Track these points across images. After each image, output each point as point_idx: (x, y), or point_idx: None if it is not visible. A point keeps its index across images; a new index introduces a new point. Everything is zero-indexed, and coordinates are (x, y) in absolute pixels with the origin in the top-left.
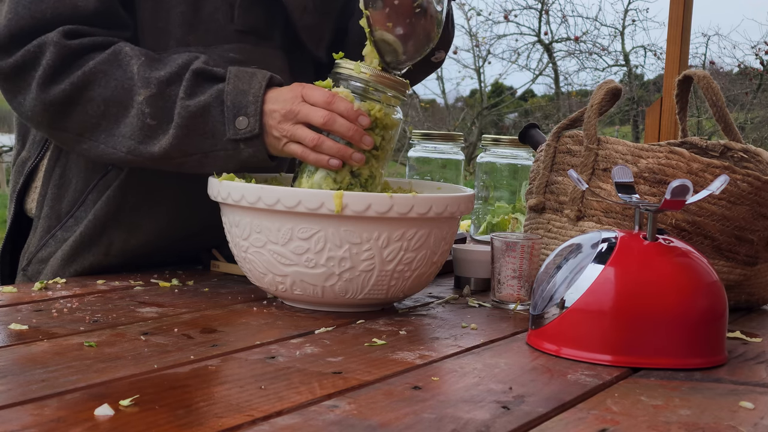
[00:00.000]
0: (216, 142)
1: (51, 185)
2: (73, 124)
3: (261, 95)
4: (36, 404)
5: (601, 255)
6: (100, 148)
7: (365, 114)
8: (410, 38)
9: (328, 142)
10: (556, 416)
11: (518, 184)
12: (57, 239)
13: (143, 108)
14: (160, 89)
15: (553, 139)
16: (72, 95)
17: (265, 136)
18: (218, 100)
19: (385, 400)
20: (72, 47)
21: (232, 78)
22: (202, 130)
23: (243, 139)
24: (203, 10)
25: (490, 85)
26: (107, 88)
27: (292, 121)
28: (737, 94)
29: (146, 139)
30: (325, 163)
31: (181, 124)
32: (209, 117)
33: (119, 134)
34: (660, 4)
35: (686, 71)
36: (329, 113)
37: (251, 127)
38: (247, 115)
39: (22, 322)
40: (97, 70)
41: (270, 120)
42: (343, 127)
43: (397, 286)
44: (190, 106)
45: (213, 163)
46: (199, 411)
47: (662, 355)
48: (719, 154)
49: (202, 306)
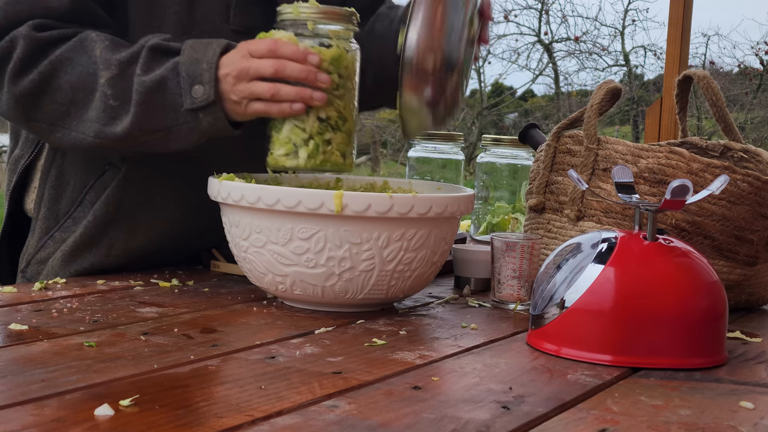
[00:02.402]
0: (177, 116)
1: (48, 186)
2: (45, 114)
3: (215, 62)
4: (36, 404)
5: (601, 255)
6: (72, 135)
7: (313, 52)
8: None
9: (285, 89)
10: (556, 416)
11: (518, 184)
12: (56, 240)
13: (105, 90)
14: (120, 70)
15: (553, 139)
16: (40, 85)
17: (224, 102)
18: (174, 72)
19: (385, 400)
20: (41, 39)
21: (188, 49)
22: (161, 104)
23: (200, 107)
24: (198, 10)
25: (490, 85)
26: (73, 74)
27: (246, 79)
28: (737, 94)
29: (110, 121)
30: (289, 110)
31: (139, 100)
32: (166, 90)
33: (87, 119)
34: (660, 4)
35: (686, 71)
36: (277, 60)
37: (207, 95)
38: (202, 83)
39: (22, 322)
40: (63, 58)
41: (225, 85)
42: (294, 71)
43: (397, 286)
44: (146, 82)
45: (177, 139)
46: (199, 411)
47: (662, 355)
48: (719, 154)
49: (202, 306)
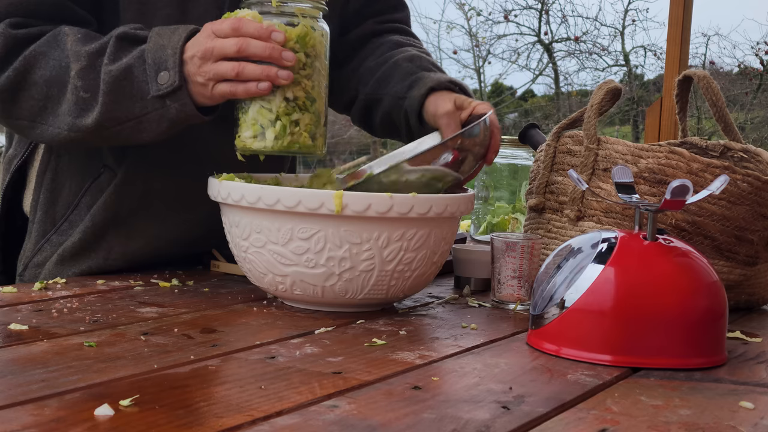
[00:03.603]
0: (145, 104)
1: (43, 189)
2: (24, 111)
3: (180, 46)
4: (36, 404)
5: (601, 255)
6: (49, 130)
7: (277, 29)
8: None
9: (249, 67)
10: (556, 416)
11: (518, 184)
12: (52, 243)
13: (76, 82)
14: (90, 61)
15: (553, 139)
16: (17, 81)
17: (190, 86)
18: (140, 60)
19: (385, 400)
20: (18, 36)
21: (154, 36)
22: (129, 93)
23: (166, 93)
24: (191, 12)
25: (490, 85)
26: (46, 68)
27: (211, 60)
28: (737, 94)
29: (81, 113)
30: (254, 89)
31: (107, 90)
32: (133, 78)
33: (61, 113)
34: (660, 4)
35: (686, 71)
36: (240, 39)
37: (172, 80)
38: (167, 69)
39: (22, 322)
40: (37, 53)
41: (191, 68)
42: (258, 48)
43: (397, 286)
44: (113, 71)
45: (147, 128)
46: (199, 411)
47: (662, 355)
48: (719, 154)
49: (202, 306)
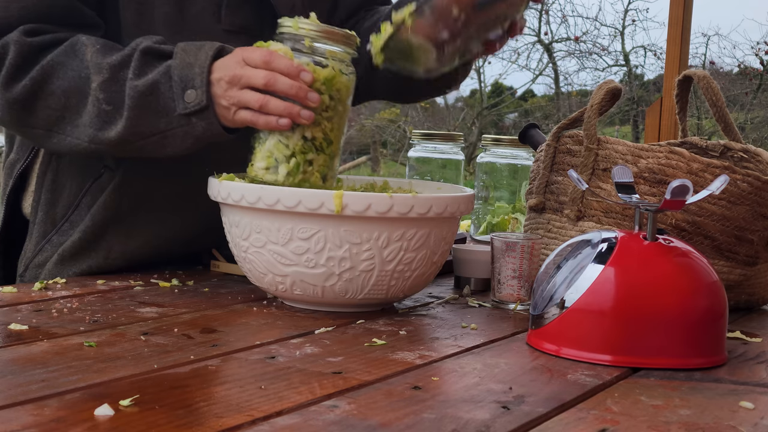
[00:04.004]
0: (170, 120)
1: (44, 190)
2: (40, 120)
3: (207, 66)
4: (36, 404)
5: (601, 255)
6: (67, 140)
7: (307, 69)
8: (452, 43)
9: (273, 101)
10: (556, 416)
11: (518, 184)
12: (53, 244)
13: (98, 94)
14: (112, 73)
15: (553, 139)
16: (33, 90)
17: (216, 107)
18: (166, 76)
19: (385, 400)
20: (33, 44)
21: (180, 52)
22: (153, 109)
23: (193, 112)
24: (189, 10)
25: (490, 85)
26: (65, 79)
27: (238, 86)
28: (737, 94)
29: (104, 126)
30: (275, 123)
31: (132, 105)
32: (159, 94)
33: (81, 124)
34: (660, 4)
35: (686, 71)
36: (270, 73)
37: (199, 99)
38: (194, 87)
39: (22, 322)
40: (55, 63)
41: (218, 89)
42: (285, 85)
43: (397, 286)
44: (139, 86)
45: (172, 143)
46: (199, 411)
47: (662, 355)
48: (719, 154)
49: (202, 306)
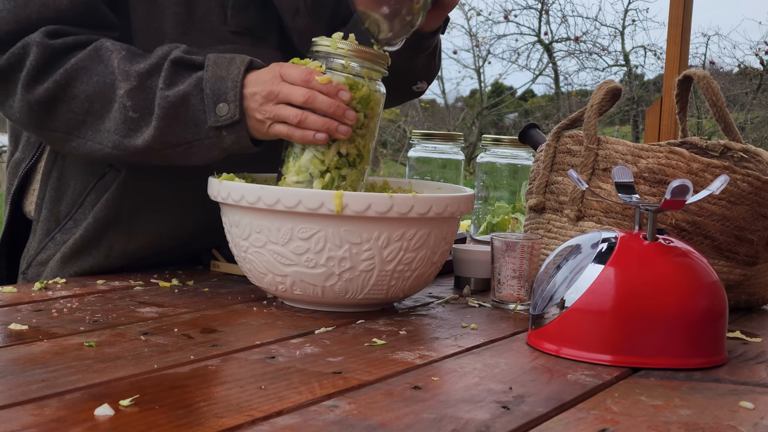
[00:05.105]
0: (198, 131)
1: (49, 188)
2: (60, 123)
3: (240, 80)
4: (36, 404)
5: (601, 255)
6: (88, 145)
7: (345, 89)
8: (396, 17)
9: (312, 117)
10: (556, 416)
11: (518, 184)
12: (56, 242)
13: (125, 101)
14: (140, 81)
15: (553, 139)
16: (56, 93)
17: (248, 120)
18: (197, 88)
19: (385, 400)
20: (55, 46)
21: (211, 65)
22: (183, 119)
23: (224, 126)
24: (196, 11)
25: (490, 85)
26: (89, 84)
27: (274, 101)
28: (737, 94)
29: (130, 133)
30: (312, 138)
31: (162, 115)
32: (189, 106)
33: (104, 129)
34: (660, 4)
35: (686, 71)
36: (309, 91)
37: (232, 113)
38: (227, 101)
39: (22, 322)
40: (79, 67)
41: (251, 103)
42: (324, 104)
43: (397, 286)
44: (170, 96)
45: (198, 153)
46: (199, 411)
47: (662, 355)
48: (719, 154)
49: (202, 306)
